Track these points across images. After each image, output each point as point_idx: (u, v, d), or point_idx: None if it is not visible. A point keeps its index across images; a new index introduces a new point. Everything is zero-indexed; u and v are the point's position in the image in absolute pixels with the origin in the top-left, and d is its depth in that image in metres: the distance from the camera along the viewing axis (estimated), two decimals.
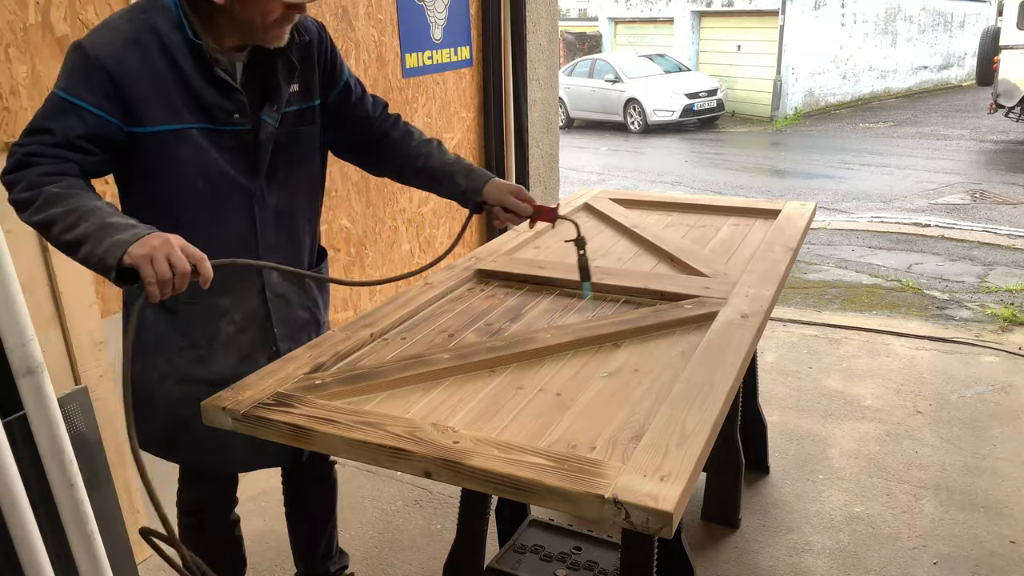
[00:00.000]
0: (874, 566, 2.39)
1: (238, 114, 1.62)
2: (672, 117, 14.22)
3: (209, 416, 1.50)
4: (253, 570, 2.47)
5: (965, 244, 6.34)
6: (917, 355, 3.82)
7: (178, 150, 1.58)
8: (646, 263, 2.30)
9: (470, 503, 1.98)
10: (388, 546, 2.55)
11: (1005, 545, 2.46)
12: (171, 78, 1.54)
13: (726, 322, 1.79)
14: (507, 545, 2.20)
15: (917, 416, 3.25)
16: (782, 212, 2.70)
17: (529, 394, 1.55)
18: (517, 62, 4.13)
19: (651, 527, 1.15)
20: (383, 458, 1.34)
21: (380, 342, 1.81)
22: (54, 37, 2.15)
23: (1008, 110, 11.13)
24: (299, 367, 1.64)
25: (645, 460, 1.26)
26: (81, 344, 2.18)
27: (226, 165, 1.64)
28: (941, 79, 19.76)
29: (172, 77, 1.54)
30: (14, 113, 2.07)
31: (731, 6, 16.56)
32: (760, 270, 2.14)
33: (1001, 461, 2.90)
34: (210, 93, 1.59)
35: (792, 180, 9.62)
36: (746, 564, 2.43)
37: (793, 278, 5.48)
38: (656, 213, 2.83)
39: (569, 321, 1.89)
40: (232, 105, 1.61)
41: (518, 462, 1.26)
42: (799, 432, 3.15)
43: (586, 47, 19.49)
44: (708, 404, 1.43)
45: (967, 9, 20.16)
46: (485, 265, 2.24)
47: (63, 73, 1.51)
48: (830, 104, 16.57)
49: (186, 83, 1.56)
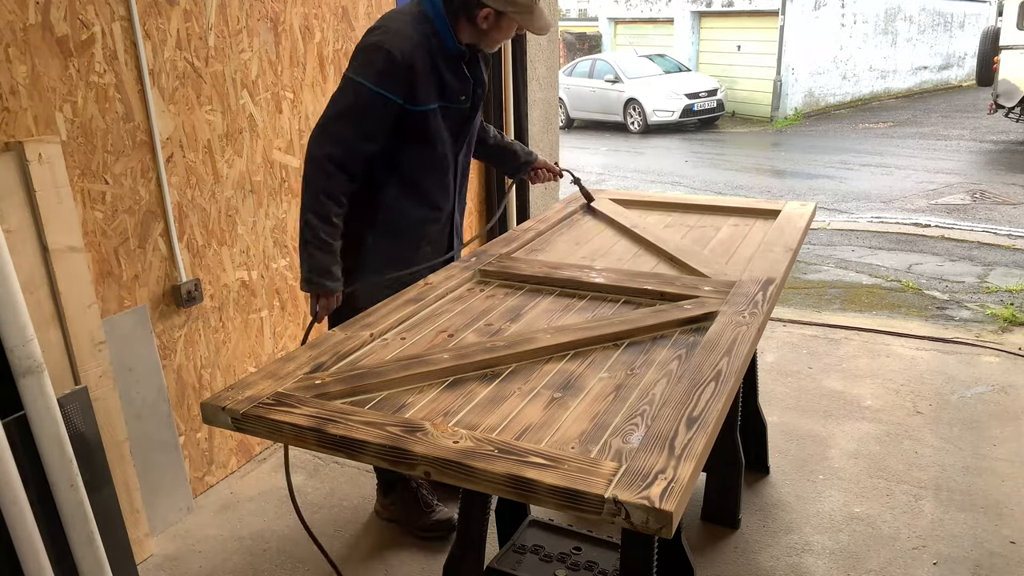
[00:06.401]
0: (874, 566, 2.39)
1: (464, 96, 2.23)
2: (672, 117, 14.22)
3: (209, 415, 1.50)
4: (253, 570, 2.47)
5: (965, 244, 6.34)
6: (917, 355, 3.82)
7: (430, 123, 2.17)
8: (646, 263, 2.30)
9: (470, 503, 1.98)
10: (388, 546, 2.55)
11: (1005, 545, 2.46)
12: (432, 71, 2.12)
13: (726, 322, 1.79)
14: (507, 545, 2.20)
15: (917, 416, 3.25)
16: (782, 212, 2.70)
17: (529, 394, 1.55)
18: (517, 62, 4.13)
19: (651, 527, 1.15)
20: (383, 458, 1.34)
21: (380, 342, 1.81)
22: (54, 37, 2.15)
23: (1008, 110, 11.12)
24: (299, 367, 1.64)
25: (645, 460, 1.26)
26: (81, 344, 2.18)
27: (447, 133, 2.24)
28: (941, 79, 19.76)
29: (433, 70, 2.13)
30: (14, 113, 2.07)
31: (731, 6, 16.55)
32: (760, 270, 2.13)
33: (1001, 461, 2.90)
34: (452, 81, 2.18)
35: (792, 180, 9.62)
36: (746, 564, 2.43)
37: (793, 278, 5.48)
38: (656, 213, 2.83)
39: (569, 321, 1.89)
40: (463, 89, 2.22)
41: (518, 462, 1.26)
42: (799, 432, 3.15)
43: (586, 47, 19.49)
44: (708, 404, 1.43)
45: (967, 9, 20.16)
46: (485, 265, 2.24)
47: (369, 69, 2.05)
48: (830, 104, 16.57)
49: (440, 75, 2.15)
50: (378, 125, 2.09)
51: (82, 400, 2.12)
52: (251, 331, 2.97)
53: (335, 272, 2.13)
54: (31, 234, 2.04)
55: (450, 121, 2.24)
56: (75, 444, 2.02)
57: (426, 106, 2.14)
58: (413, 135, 2.17)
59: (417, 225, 2.32)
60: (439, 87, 2.16)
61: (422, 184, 2.27)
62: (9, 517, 1.84)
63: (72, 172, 2.23)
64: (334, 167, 2.07)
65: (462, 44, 2.16)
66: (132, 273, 2.46)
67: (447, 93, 2.19)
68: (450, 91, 2.19)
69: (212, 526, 2.69)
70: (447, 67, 2.16)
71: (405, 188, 2.26)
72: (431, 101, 2.15)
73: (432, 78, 2.13)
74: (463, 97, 2.23)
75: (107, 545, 2.11)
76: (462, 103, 2.24)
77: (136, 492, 2.44)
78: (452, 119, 2.25)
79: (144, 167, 2.45)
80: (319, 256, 2.10)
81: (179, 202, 2.60)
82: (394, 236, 2.29)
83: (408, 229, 2.31)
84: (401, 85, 2.06)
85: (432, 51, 2.11)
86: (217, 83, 2.67)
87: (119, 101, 2.35)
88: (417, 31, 2.10)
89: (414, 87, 2.09)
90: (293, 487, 2.07)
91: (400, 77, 2.05)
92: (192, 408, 2.76)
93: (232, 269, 2.84)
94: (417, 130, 2.17)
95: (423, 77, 2.10)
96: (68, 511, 2.00)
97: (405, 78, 2.06)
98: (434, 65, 2.13)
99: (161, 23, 2.45)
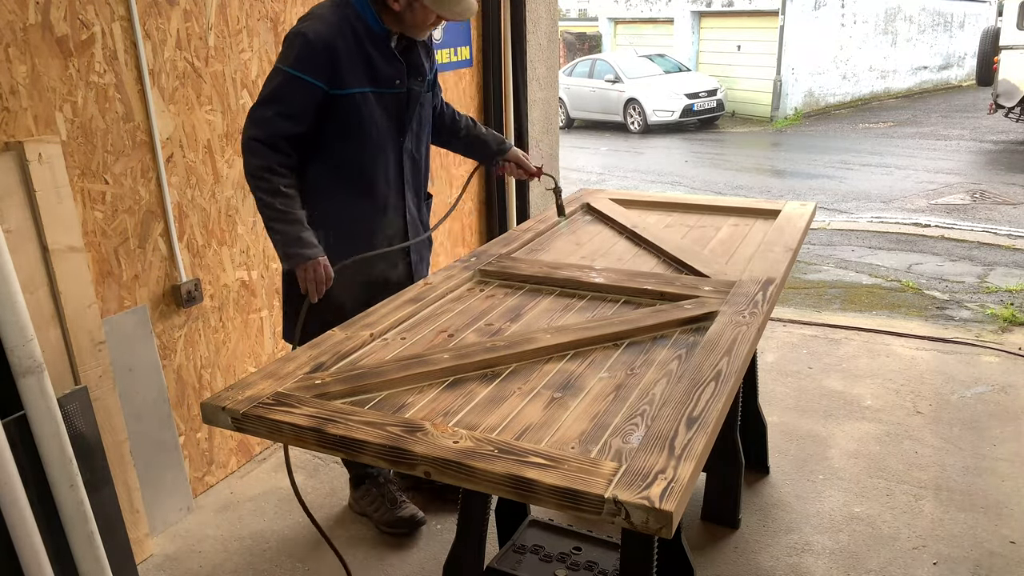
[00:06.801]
0: (874, 566, 2.39)
1: (398, 80, 2.21)
2: (672, 117, 14.22)
3: (209, 415, 1.50)
4: (253, 570, 2.47)
5: (965, 244, 6.34)
6: (917, 355, 3.82)
7: (361, 108, 2.16)
8: (646, 263, 2.30)
9: (470, 503, 1.98)
10: (388, 546, 2.55)
11: (1005, 545, 2.46)
12: (358, 54, 2.12)
13: (726, 322, 1.79)
14: (507, 545, 2.20)
15: (917, 416, 3.25)
16: (782, 212, 2.70)
17: (529, 394, 1.55)
18: (517, 62, 4.13)
19: (651, 527, 1.15)
20: (383, 458, 1.34)
21: (380, 342, 1.81)
22: (54, 37, 2.15)
23: (1008, 110, 11.12)
24: (299, 367, 1.64)
25: (645, 460, 1.26)
26: (81, 344, 2.17)
27: (386, 119, 2.23)
28: (941, 79, 19.76)
29: (359, 53, 2.12)
30: (14, 113, 2.07)
31: (731, 6, 16.55)
32: (760, 270, 2.13)
33: (1001, 461, 2.90)
34: (382, 65, 2.17)
35: (792, 180, 9.62)
36: (746, 564, 2.43)
37: (793, 278, 5.48)
38: (656, 213, 2.83)
39: (569, 321, 1.89)
40: (395, 73, 2.20)
41: (518, 462, 1.26)
42: (799, 432, 3.15)
43: (586, 47, 19.49)
44: (708, 404, 1.43)
45: (967, 9, 20.15)
46: (485, 265, 2.24)
47: (288, 54, 2.07)
48: (830, 104, 16.57)
49: (368, 58, 2.14)
50: (299, 107, 2.09)
51: (82, 400, 2.12)
52: (251, 331, 2.97)
53: (306, 238, 2.09)
54: (31, 234, 2.04)
55: (385, 107, 2.21)
56: (75, 444, 2.02)
57: (353, 89, 2.13)
58: (345, 122, 2.16)
59: (361, 218, 2.27)
60: (368, 71, 2.15)
61: (363, 174, 2.23)
62: (9, 517, 1.84)
63: (72, 172, 2.23)
64: (259, 145, 2.08)
65: (388, 27, 2.16)
66: (132, 273, 2.46)
67: (378, 77, 2.17)
68: (382, 76, 2.18)
69: (212, 526, 2.69)
70: (376, 51, 2.15)
71: (344, 181, 2.23)
72: (359, 84, 2.14)
73: (359, 61, 2.12)
74: (397, 81, 2.21)
75: (107, 545, 2.11)
76: (397, 87, 2.22)
77: (136, 492, 2.44)
78: (387, 105, 2.22)
79: (144, 167, 2.45)
80: (283, 228, 2.09)
81: (179, 202, 2.60)
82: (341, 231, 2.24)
83: (353, 222, 2.27)
84: (321, 68, 2.07)
85: (357, 34, 2.12)
86: (217, 83, 2.67)
87: (119, 101, 2.35)
88: (336, 14, 2.12)
89: (336, 69, 2.09)
90: (297, 486, 2.07)
91: (318, 60, 2.06)
92: (192, 408, 2.76)
93: (232, 269, 2.84)
94: (348, 116, 2.16)
95: (346, 60, 2.10)
96: (68, 511, 2.00)
97: (325, 61, 2.07)
98: (360, 48, 2.12)
99: (161, 23, 2.45)
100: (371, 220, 2.29)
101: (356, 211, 2.26)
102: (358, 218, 2.26)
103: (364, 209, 2.26)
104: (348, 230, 2.25)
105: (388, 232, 2.33)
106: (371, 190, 2.27)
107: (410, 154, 2.33)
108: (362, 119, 2.17)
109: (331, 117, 2.14)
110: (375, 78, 2.17)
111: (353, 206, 2.25)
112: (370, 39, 2.14)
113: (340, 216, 2.24)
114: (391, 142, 2.26)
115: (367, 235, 2.28)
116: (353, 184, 2.24)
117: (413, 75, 2.26)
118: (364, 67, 2.14)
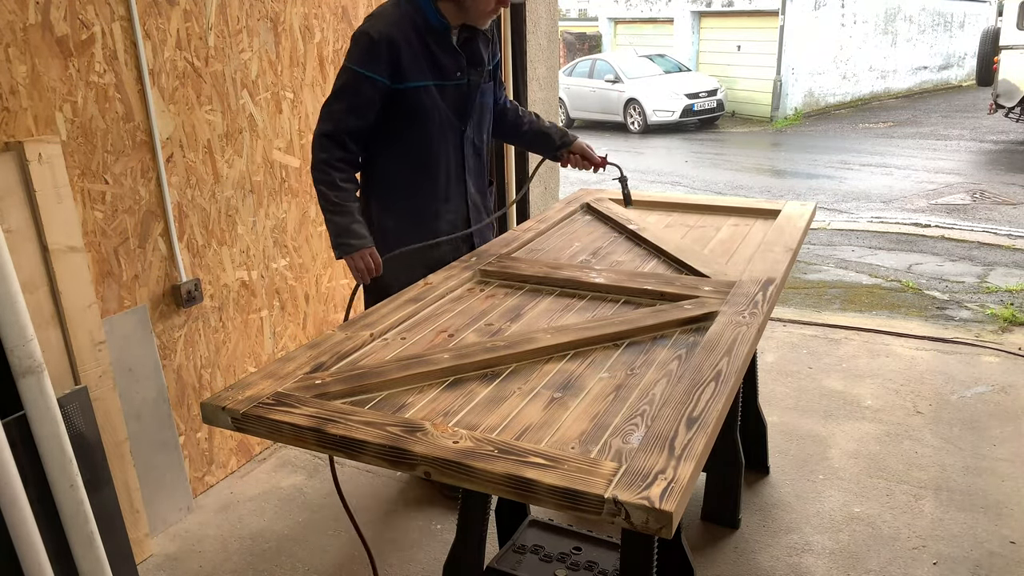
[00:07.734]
0: (874, 566, 2.39)
1: (459, 72, 2.32)
2: (672, 117, 14.21)
3: (209, 415, 1.50)
4: (253, 570, 2.47)
5: (965, 244, 6.34)
6: (917, 355, 3.82)
7: (423, 100, 2.28)
8: (646, 263, 2.30)
9: (470, 503, 1.98)
10: (388, 546, 2.55)
11: (1005, 545, 2.46)
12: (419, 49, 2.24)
13: (726, 322, 1.79)
14: (507, 545, 2.20)
15: (917, 416, 3.25)
16: (782, 212, 2.70)
17: (529, 394, 1.55)
18: (517, 62, 4.13)
19: (651, 527, 1.15)
20: (383, 458, 1.34)
21: (380, 342, 1.81)
22: (54, 37, 2.15)
23: (1008, 110, 11.11)
24: (299, 367, 1.64)
25: (645, 460, 1.26)
26: (81, 344, 2.17)
27: (448, 110, 2.34)
28: (941, 79, 19.75)
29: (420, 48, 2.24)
30: (14, 113, 2.06)
31: (731, 6, 16.55)
32: (760, 270, 2.13)
33: (1001, 461, 2.90)
34: (443, 58, 2.28)
35: (792, 180, 9.62)
36: (746, 564, 2.43)
37: (793, 278, 5.48)
38: (656, 213, 2.83)
39: (569, 321, 1.89)
40: (456, 66, 2.31)
41: (518, 462, 1.26)
42: (799, 432, 3.15)
43: (586, 47, 19.48)
44: (708, 404, 1.43)
45: (967, 9, 20.15)
46: (485, 265, 2.24)
47: (354, 52, 2.21)
48: (830, 104, 16.57)
49: (429, 52, 2.25)
50: (365, 103, 2.23)
51: (82, 400, 2.12)
52: (251, 331, 2.97)
53: (356, 230, 2.25)
54: (31, 234, 2.04)
55: (447, 98, 2.33)
56: (75, 444, 2.02)
57: (416, 83, 2.25)
58: (409, 114, 2.29)
59: (424, 203, 2.41)
60: (430, 64, 2.27)
61: (426, 163, 2.37)
62: (9, 517, 1.84)
63: (72, 172, 2.23)
64: (328, 140, 2.24)
65: (447, 20, 2.26)
66: (132, 273, 2.46)
67: (440, 70, 2.29)
68: (443, 68, 2.30)
69: (212, 526, 2.69)
70: (436, 44, 2.27)
71: (409, 169, 2.38)
72: (422, 78, 2.26)
73: (420, 55, 2.24)
74: (458, 73, 2.33)
75: (107, 545, 2.11)
76: (457, 79, 2.33)
77: (136, 492, 2.44)
78: (449, 96, 2.34)
79: (144, 167, 2.45)
80: (336, 220, 2.25)
81: (179, 202, 2.60)
82: (406, 215, 2.40)
83: (417, 208, 2.41)
84: (384, 64, 2.20)
85: (418, 29, 2.24)
86: (217, 83, 2.67)
87: (119, 101, 2.35)
88: (398, 11, 2.25)
89: (398, 64, 2.21)
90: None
91: (381, 56, 2.19)
92: (192, 408, 2.76)
93: (232, 269, 2.84)
94: (412, 108, 2.28)
95: (408, 54, 2.22)
96: (68, 511, 2.00)
97: (387, 57, 2.19)
98: (423, 42, 2.25)
99: (161, 23, 2.45)
100: (434, 205, 2.43)
101: (420, 197, 2.40)
102: (421, 204, 2.41)
103: (427, 195, 2.41)
104: (413, 215, 2.40)
105: (450, 217, 2.46)
106: (434, 177, 2.40)
107: (471, 142, 2.45)
108: (425, 110, 2.30)
109: (396, 109, 2.28)
110: (436, 71, 2.28)
111: (417, 192, 2.40)
112: (431, 34, 2.26)
113: (406, 201, 2.40)
114: (453, 131, 2.38)
115: (431, 219, 2.42)
116: (417, 172, 2.38)
117: (473, 66, 2.37)
118: (426, 61, 2.26)
